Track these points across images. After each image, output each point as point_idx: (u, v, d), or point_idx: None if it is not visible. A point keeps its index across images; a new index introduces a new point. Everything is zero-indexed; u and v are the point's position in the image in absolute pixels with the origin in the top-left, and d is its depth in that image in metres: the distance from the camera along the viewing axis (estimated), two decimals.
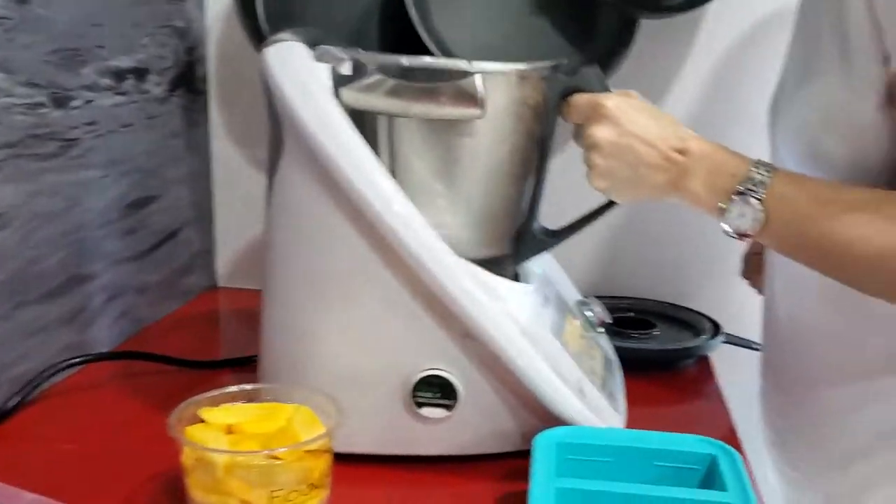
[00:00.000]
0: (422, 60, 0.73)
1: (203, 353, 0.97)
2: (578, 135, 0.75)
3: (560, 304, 0.86)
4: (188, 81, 1.16)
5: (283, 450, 0.64)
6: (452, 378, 0.74)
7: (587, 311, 0.89)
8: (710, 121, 1.13)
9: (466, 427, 0.76)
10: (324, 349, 0.76)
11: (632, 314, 1.13)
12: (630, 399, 0.86)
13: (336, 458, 0.68)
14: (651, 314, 1.14)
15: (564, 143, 0.96)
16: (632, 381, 0.90)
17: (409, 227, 0.71)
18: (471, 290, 0.72)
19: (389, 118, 0.74)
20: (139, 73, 1.04)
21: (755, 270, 0.95)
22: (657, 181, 0.72)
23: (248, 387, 0.72)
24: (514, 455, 0.76)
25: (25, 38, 0.83)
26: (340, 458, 0.70)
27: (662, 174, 0.71)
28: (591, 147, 0.73)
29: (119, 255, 1.02)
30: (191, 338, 1.08)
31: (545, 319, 0.79)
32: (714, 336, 1.06)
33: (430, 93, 0.71)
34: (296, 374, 0.75)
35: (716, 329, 1.08)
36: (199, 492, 0.64)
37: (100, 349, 0.98)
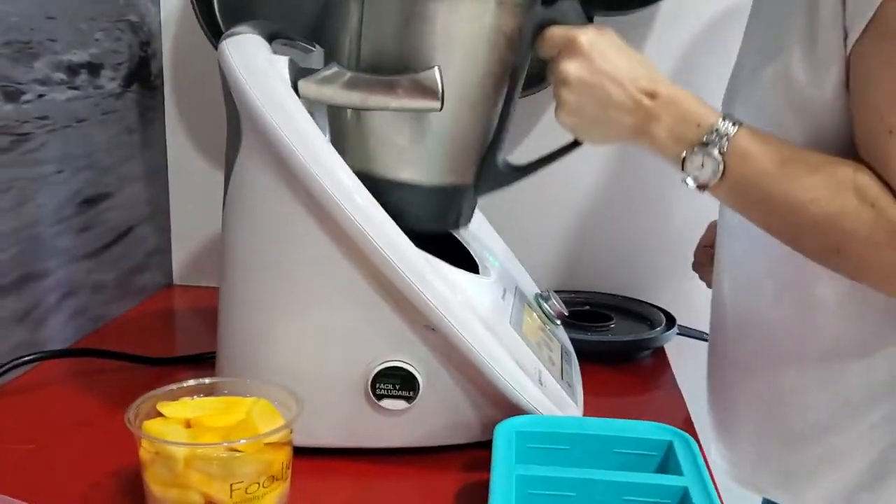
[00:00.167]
0: None
1: (159, 352, 0.96)
2: (550, 70, 0.74)
3: (519, 297, 0.86)
4: (143, 77, 1.15)
5: (244, 441, 0.63)
6: (412, 369, 0.74)
7: (545, 304, 0.90)
8: None
9: (427, 419, 0.76)
10: (283, 343, 0.75)
11: (588, 308, 1.15)
12: (587, 390, 0.87)
13: (297, 452, 0.68)
14: (607, 308, 1.16)
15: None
16: (589, 373, 0.91)
17: (370, 220, 0.71)
18: (432, 282, 0.72)
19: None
20: (93, 68, 1.02)
21: (705, 263, 0.97)
22: (624, 123, 0.71)
23: (207, 381, 0.72)
24: (476, 446, 0.77)
25: None
26: (302, 452, 0.70)
27: (629, 116, 0.71)
28: (562, 82, 0.72)
29: (73, 253, 1.01)
30: (147, 336, 1.07)
31: (505, 311, 0.80)
32: (669, 328, 1.08)
33: (389, 85, 0.72)
34: (254, 369, 0.75)
35: (670, 321, 1.10)
36: (159, 486, 0.64)
37: (53, 348, 0.96)
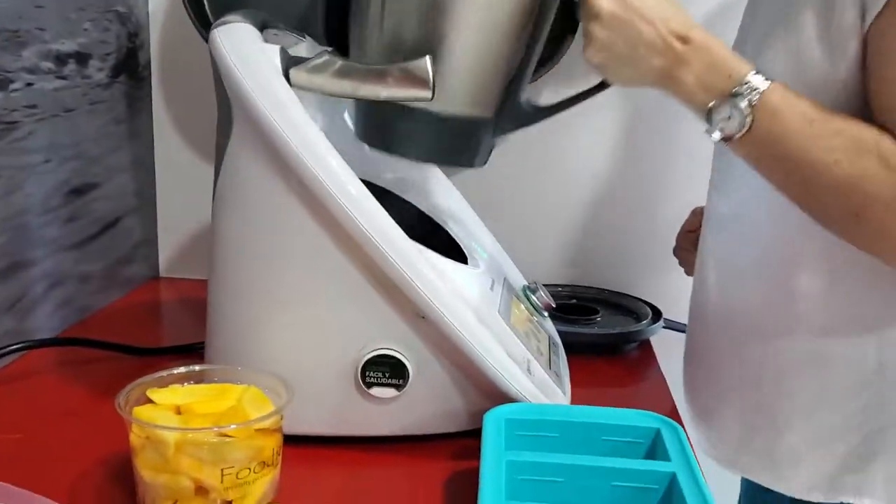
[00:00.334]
0: None
1: (146, 342, 0.96)
2: (581, 4, 0.72)
3: (507, 288, 0.87)
4: (131, 67, 1.15)
5: (234, 427, 0.64)
6: (402, 357, 0.74)
7: (533, 296, 0.91)
8: (658, 112, 1.16)
9: (416, 407, 0.76)
10: (273, 331, 0.76)
11: (575, 301, 1.16)
12: (575, 381, 0.88)
13: (287, 440, 0.68)
14: (594, 301, 1.16)
15: None
16: (576, 365, 0.92)
17: (363, 209, 0.71)
18: (423, 272, 0.72)
19: None
20: (81, 58, 1.02)
21: (688, 248, 0.97)
22: (652, 65, 0.70)
23: (197, 368, 0.72)
24: (465, 435, 0.77)
25: None
26: (292, 440, 0.70)
27: (659, 58, 0.70)
28: (593, 17, 0.71)
29: (60, 243, 1.00)
30: (134, 327, 1.07)
31: (493, 301, 0.80)
32: (655, 321, 1.09)
33: (380, 74, 0.72)
34: (244, 358, 0.75)
35: (656, 315, 1.11)
36: (149, 472, 0.64)
37: (41, 337, 0.96)
